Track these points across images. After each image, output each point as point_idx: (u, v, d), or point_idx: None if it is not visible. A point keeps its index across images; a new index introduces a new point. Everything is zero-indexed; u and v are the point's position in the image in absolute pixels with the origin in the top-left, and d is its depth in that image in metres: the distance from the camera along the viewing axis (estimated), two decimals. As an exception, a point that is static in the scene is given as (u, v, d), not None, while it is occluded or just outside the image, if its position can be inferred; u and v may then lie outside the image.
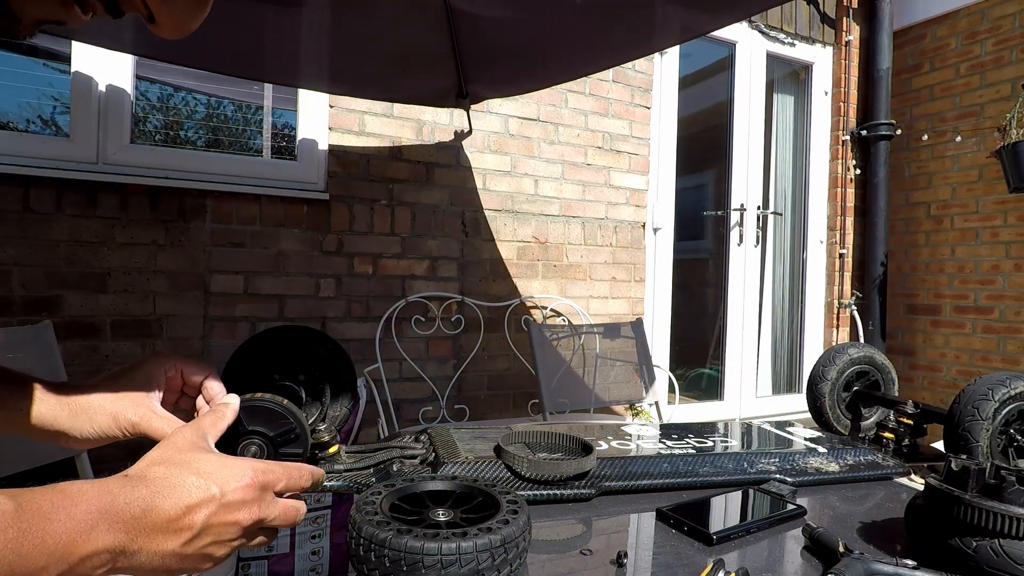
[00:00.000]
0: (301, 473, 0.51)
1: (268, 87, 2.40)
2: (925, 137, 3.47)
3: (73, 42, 1.96)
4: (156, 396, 0.61)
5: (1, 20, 0.38)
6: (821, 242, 3.65)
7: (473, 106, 2.47)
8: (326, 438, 0.78)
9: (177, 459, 0.46)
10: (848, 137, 3.58)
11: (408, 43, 1.95)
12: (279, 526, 0.48)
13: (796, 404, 3.56)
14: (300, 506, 0.50)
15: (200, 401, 0.65)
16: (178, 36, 0.44)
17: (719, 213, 3.51)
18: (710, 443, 0.96)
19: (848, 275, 3.62)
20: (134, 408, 0.59)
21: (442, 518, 0.57)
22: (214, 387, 0.65)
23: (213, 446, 0.51)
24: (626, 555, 0.61)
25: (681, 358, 3.62)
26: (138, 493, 0.42)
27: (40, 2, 0.38)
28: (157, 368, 0.63)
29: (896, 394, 1.25)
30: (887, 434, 1.08)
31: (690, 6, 1.51)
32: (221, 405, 0.57)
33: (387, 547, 0.49)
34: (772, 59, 3.49)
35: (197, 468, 0.45)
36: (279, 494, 0.49)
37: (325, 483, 0.75)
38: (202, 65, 1.91)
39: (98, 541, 0.39)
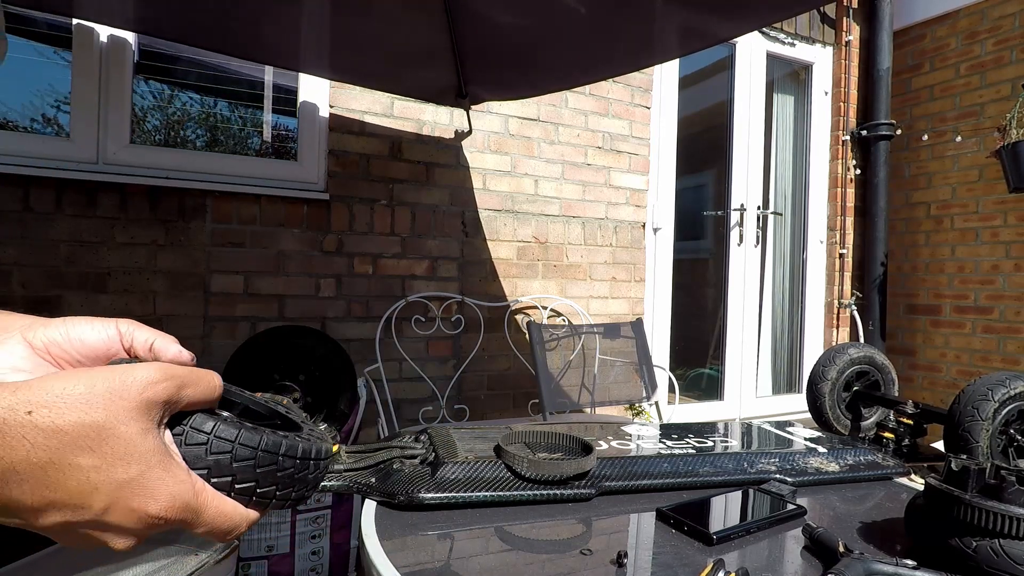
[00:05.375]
0: (234, 524, 0.38)
1: (269, 87, 2.40)
2: (925, 137, 3.47)
3: (72, 40, 1.96)
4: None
5: None
6: (821, 242, 3.65)
7: (473, 106, 2.47)
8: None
9: (96, 426, 0.31)
10: (848, 137, 3.58)
11: (408, 39, 1.96)
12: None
13: (796, 404, 3.56)
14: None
15: None
16: None
17: (719, 213, 3.51)
18: (710, 443, 0.96)
19: (848, 275, 3.62)
20: (122, 323, 0.43)
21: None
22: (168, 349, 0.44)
23: (164, 422, 0.35)
24: (626, 555, 0.61)
25: (681, 358, 3.62)
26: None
27: None
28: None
29: (896, 394, 1.25)
30: (887, 434, 1.08)
31: (694, 18, 1.51)
32: (204, 372, 0.38)
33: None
34: (772, 59, 3.49)
35: (97, 460, 0.31)
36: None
37: (325, 483, 0.75)
38: (204, 44, 1.91)
39: None
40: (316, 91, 2.33)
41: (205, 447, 0.37)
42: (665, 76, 3.13)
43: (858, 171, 3.58)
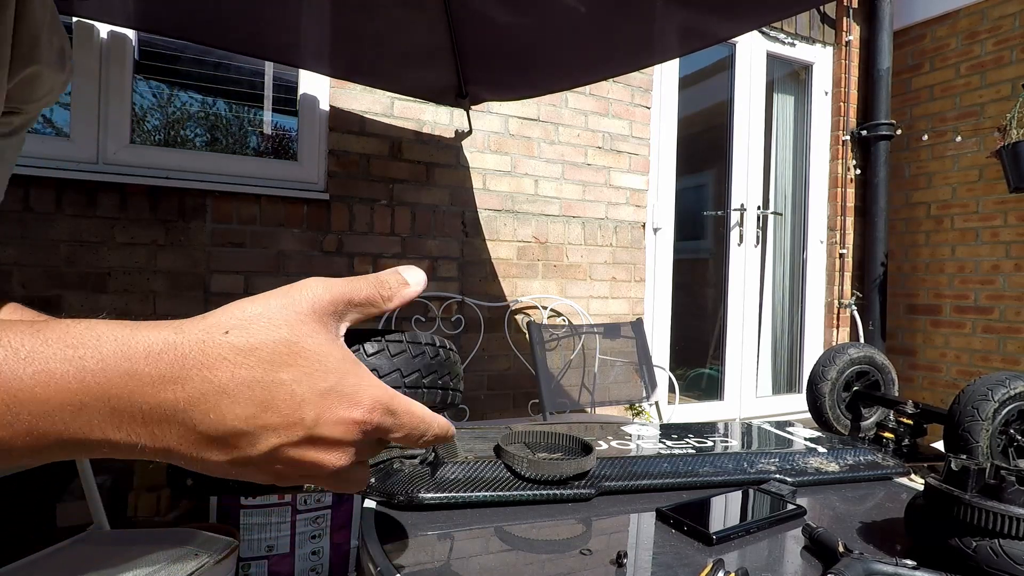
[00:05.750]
0: (426, 426, 0.37)
1: (269, 87, 2.40)
2: (925, 137, 3.47)
3: (72, 38, 1.96)
4: None
5: None
6: (821, 242, 3.65)
7: (473, 106, 2.47)
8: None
9: (273, 351, 0.31)
10: (848, 137, 3.58)
11: (408, 39, 1.96)
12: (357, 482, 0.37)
13: (796, 404, 3.56)
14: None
15: None
16: None
17: (719, 213, 3.51)
18: (710, 443, 0.96)
19: (848, 275, 3.62)
20: None
21: None
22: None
23: (342, 335, 0.35)
24: (626, 555, 0.61)
25: (681, 358, 3.62)
26: (174, 396, 0.29)
27: None
28: None
29: (896, 394, 1.25)
30: (887, 434, 1.08)
31: (693, 18, 1.51)
32: (392, 276, 0.39)
33: None
34: (772, 59, 3.49)
35: (297, 373, 0.31)
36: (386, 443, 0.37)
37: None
38: (203, 40, 1.91)
39: (93, 432, 0.28)
40: (316, 91, 2.33)
41: (383, 352, 0.39)
42: (665, 76, 3.13)
43: (858, 171, 3.58)
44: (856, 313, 3.56)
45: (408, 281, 0.40)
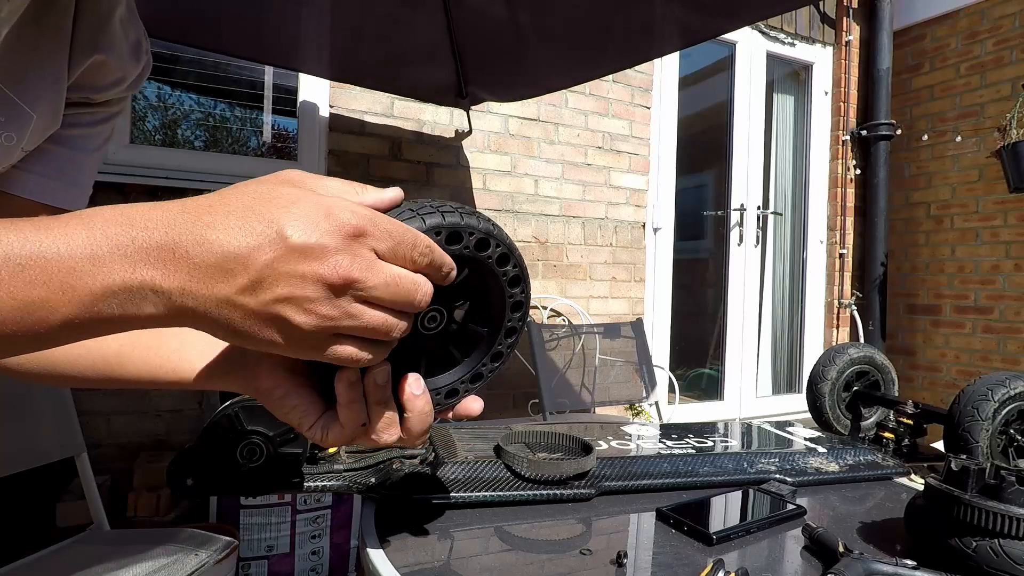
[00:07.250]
0: (414, 240, 0.36)
1: (269, 87, 2.40)
2: (925, 137, 3.47)
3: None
4: None
5: None
6: (821, 242, 3.65)
7: (473, 106, 2.47)
8: (326, 438, 0.77)
9: (258, 187, 0.35)
10: (848, 137, 3.58)
11: (407, 38, 1.96)
12: (383, 300, 0.34)
13: (796, 404, 3.56)
14: (416, 280, 0.35)
15: None
16: None
17: (719, 213, 3.52)
18: (710, 443, 0.96)
19: (848, 275, 3.62)
20: None
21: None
22: None
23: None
24: (626, 555, 0.61)
25: (681, 358, 3.62)
26: (177, 220, 0.32)
27: None
28: None
29: (896, 394, 1.24)
30: (887, 434, 1.08)
31: (692, 11, 1.51)
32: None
33: None
34: (772, 59, 3.49)
35: (277, 201, 0.33)
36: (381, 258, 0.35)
37: (324, 483, 0.75)
38: (203, 44, 1.91)
39: (112, 275, 0.31)
40: (316, 91, 2.33)
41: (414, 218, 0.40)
42: (665, 76, 3.13)
43: (858, 171, 3.58)
44: (856, 313, 3.56)
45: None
